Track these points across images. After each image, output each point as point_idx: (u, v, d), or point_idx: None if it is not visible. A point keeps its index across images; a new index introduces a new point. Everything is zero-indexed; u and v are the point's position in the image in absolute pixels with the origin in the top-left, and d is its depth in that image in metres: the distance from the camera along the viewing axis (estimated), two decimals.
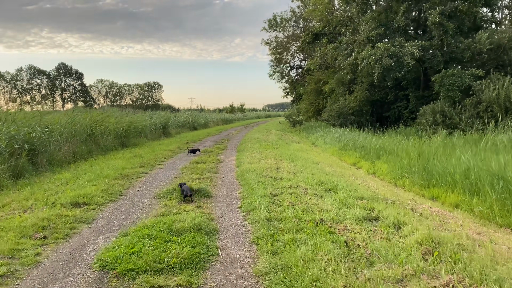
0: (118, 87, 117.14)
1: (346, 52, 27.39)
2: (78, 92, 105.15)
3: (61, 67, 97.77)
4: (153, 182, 9.45)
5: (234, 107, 68.26)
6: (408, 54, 22.15)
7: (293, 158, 12.97)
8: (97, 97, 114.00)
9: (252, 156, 13.51)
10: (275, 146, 17.17)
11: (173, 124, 28.71)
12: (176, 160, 13.51)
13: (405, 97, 26.50)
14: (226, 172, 10.81)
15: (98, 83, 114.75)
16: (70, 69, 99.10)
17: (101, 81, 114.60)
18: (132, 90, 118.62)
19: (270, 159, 12.72)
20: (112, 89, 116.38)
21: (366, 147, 16.34)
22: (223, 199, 7.64)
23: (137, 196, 7.99)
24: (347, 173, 11.51)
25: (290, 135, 26.21)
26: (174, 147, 17.07)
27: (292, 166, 11.21)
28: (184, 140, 21.40)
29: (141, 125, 21.34)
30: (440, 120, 21.19)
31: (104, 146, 16.50)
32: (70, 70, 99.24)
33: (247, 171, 10.22)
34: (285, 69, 47.29)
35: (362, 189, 8.54)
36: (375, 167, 13.04)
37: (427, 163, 10.47)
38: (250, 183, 8.59)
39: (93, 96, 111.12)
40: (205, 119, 37.85)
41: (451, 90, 21.51)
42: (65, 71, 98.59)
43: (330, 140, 20.33)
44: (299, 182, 8.64)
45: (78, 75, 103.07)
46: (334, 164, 13.63)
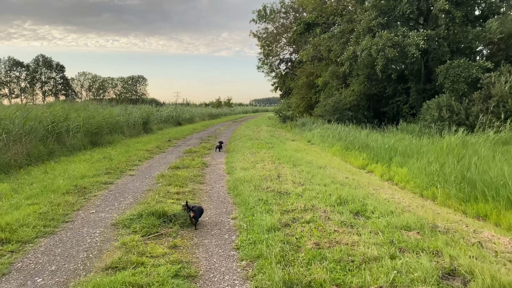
0: (101, 81, 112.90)
1: (342, 41, 25.15)
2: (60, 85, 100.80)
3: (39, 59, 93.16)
4: (116, 198, 7.01)
5: (221, 101, 65.49)
6: (413, 45, 20.04)
7: (294, 162, 10.67)
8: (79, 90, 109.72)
9: (245, 158, 11.15)
10: (269, 146, 14.85)
11: (155, 119, 26.09)
12: (152, 163, 11.06)
13: (405, 91, 24.43)
14: (214, 182, 8.42)
15: (80, 76, 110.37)
16: (50, 61, 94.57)
17: (84, 74, 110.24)
18: (115, 84, 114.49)
19: (267, 162, 10.39)
20: (95, 83, 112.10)
21: (373, 147, 14.16)
22: (211, 229, 5.28)
23: (88, 223, 5.56)
24: (362, 181, 9.26)
25: (282, 132, 23.90)
26: (153, 146, 14.59)
27: (296, 173, 8.91)
28: (166, 137, 18.89)
29: (116, 120, 18.73)
30: (446, 116, 19.17)
31: (71, 145, 13.93)
32: (50, 62, 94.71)
33: (241, 181, 7.87)
34: (274, 61, 44.90)
35: (397, 209, 6.29)
36: (390, 172, 10.84)
37: (467, 170, 8.27)
38: (248, 202, 6.24)
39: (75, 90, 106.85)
40: (190, 114, 35.22)
41: (457, 82, 19.52)
42: (44, 63, 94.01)
43: (328, 138, 18.10)
44: (313, 200, 6.34)
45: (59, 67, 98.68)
46: (342, 168, 11.38)
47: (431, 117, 19.81)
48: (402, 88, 24.42)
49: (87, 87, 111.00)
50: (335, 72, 27.43)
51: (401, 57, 20.69)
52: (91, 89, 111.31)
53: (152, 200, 6.54)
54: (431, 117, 19.81)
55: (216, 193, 7.43)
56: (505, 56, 20.60)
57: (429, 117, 19.92)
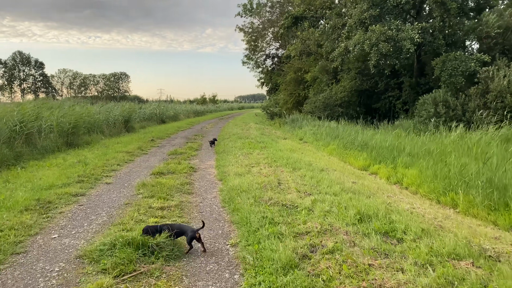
0: (83, 78, 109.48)
1: (333, 37, 24.08)
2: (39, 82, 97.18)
3: (17, 56, 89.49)
4: (87, 215, 5.71)
5: (205, 98, 63.81)
6: (408, 39, 19.09)
7: (293, 164, 9.50)
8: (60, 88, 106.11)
9: (238, 161, 9.91)
10: (261, 145, 13.65)
11: (137, 117, 24.56)
12: (133, 167, 9.73)
13: (398, 86, 23.54)
14: (205, 192, 7.17)
15: (60, 73, 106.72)
16: (28, 57, 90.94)
17: (64, 71, 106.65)
18: (97, 81, 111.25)
19: (264, 166, 9.20)
20: (76, 80, 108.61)
21: (373, 145, 13.11)
22: (206, 262, 4.05)
23: (46, 255, 4.25)
24: (371, 186, 8.16)
25: (271, 129, 22.73)
26: (134, 147, 13.21)
27: (298, 179, 7.74)
28: (149, 136, 17.49)
29: (94, 119, 17.23)
30: (443, 111, 18.31)
31: (42, 147, 12.47)
32: (29, 59, 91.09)
33: (237, 191, 6.64)
34: (260, 57, 43.62)
35: (428, 226, 5.19)
36: (398, 174, 9.78)
37: (494, 174, 7.24)
38: (249, 221, 5.03)
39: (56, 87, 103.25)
40: (174, 111, 33.69)
41: (454, 75, 18.67)
42: (22, 60, 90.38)
43: (322, 136, 17.01)
44: (328, 216, 5.17)
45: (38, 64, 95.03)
46: (344, 170, 10.26)
47: (426, 112, 18.93)
48: (394, 83, 23.53)
49: (67, 85, 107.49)
50: (324, 67, 26.36)
51: (395, 52, 19.74)
52: (72, 86, 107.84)
53: (130, 219, 5.27)
54: (426, 112, 18.93)
55: (208, 206, 6.19)
56: (501, 50, 19.86)
57: (424, 113, 19.04)
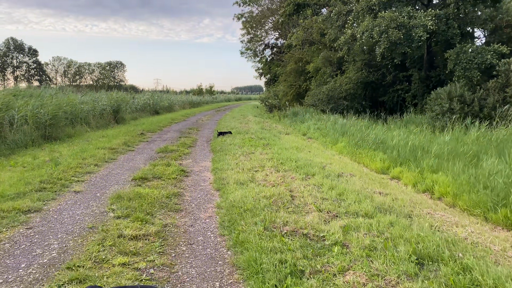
0: (78, 66, 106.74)
1: (338, 24, 22.32)
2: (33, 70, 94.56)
3: (10, 42, 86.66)
4: (31, 249, 4.04)
5: (202, 89, 61.76)
6: (420, 26, 17.43)
7: (304, 168, 7.87)
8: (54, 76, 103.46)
9: (238, 163, 8.26)
10: (263, 142, 12.01)
11: (129, 107, 22.78)
12: (113, 169, 8.05)
13: (406, 78, 21.92)
14: (198, 209, 5.50)
15: (55, 61, 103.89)
16: (22, 44, 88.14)
17: (58, 59, 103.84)
18: (92, 69, 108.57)
19: (269, 170, 7.56)
20: (70, 68, 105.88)
21: (390, 144, 11.52)
22: None
23: None
24: (404, 199, 6.54)
25: (271, 123, 21.04)
26: (119, 142, 11.49)
27: (315, 190, 6.11)
28: (138, 129, 15.78)
29: (79, 109, 15.47)
30: (458, 107, 16.73)
31: (13, 141, 10.76)
32: (22, 46, 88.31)
33: (239, 210, 5.00)
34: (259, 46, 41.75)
35: (508, 272, 3.60)
36: (426, 181, 8.17)
37: None
38: (261, 268, 3.38)
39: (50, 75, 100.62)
40: (169, 102, 31.86)
41: (469, 69, 17.11)
42: (15, 47, 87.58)
43: (329, 131, 15.38)
44: (372, 259, 3.56)
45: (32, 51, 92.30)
46: (362, 174, 8.64)
47: (440, 107, 17.33)
48: (403, 75, 21.89)
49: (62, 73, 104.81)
50: (328, 57, 24.64)
51: (406, 40, 18.07)
52: (66, 74, 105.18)
53: (88, 258, 3.63)
54: (440, 107, 17.33)
55: (201, 233, 4.54)
56: None
57: (437, 108, 17.43)
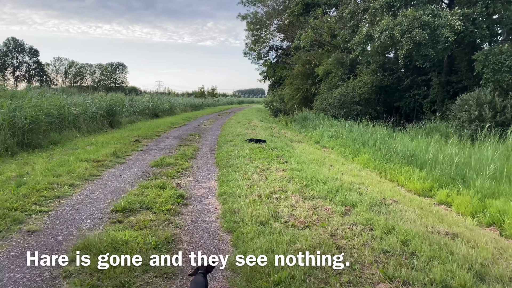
0: (79, 67, 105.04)
1: (352, 24, 20.58)
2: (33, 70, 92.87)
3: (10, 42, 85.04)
4: None
5: (204, 91, 59.97)
6: (447, 26, 15.70)
7: (336, 192, 6.07)
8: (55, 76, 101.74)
9: (252, 185, 6.43)
10: (276, 153, 10.21)
11: (126, 110, 21.01)
12: (92, 191, 6.24)
13: (425, 83, 20.14)
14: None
15: (56, 61, 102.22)
16: (22, 44, 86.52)
17: (59, 60, 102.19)
18: (94, 70, 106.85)
19: (294, 196, 5.75)
20: (71, 69, 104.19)
21: (425, 158, 9.72)
22: None
23: None
24: (478, 239, 4.75)
25: (280, 129, 19.25)
26: (108, 153, 9.67)
27: (366, 235, 4.31)
28: (134, 135, 13.98)
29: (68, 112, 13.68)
30: (489, 115, 14.96)
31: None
32: (22, 46, 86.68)
33: (266, 282, 3.20)
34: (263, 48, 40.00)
35: None
36: (490, 210, 6.37)
37: None
38: None
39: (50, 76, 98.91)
40: (170, 104, 30.05)
41: (499, 71, 15.38)
42: (16, 47, 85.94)
43: (347, 141, 13.57)
44: None
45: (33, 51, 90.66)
46: (405, 199, 6.83)
47: (467, 115, 15.54)
48: (421, 80, 20.12)
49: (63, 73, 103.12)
50: (340, 59, 22.88)
51: (431, 41, 16.33)
52: (67, 75, 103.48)
53: None
54: (467, 115, 15.54)
55: None
56: None
57: (464, 115, 15.64)
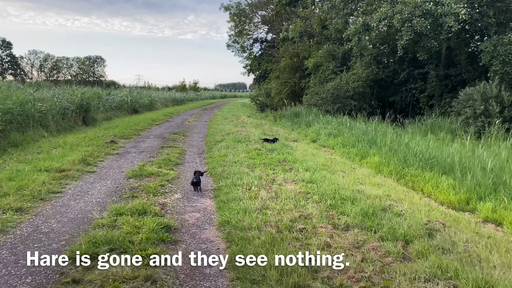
0: (55, 60, 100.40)
1: (345, 12, 19.11)
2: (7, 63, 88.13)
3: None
4: None
5: (185, 85, 57.68)
6: (451, 15, 14.43)
7: (374, 218, 4.57)
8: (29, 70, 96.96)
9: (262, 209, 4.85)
10: (277, 156, 8.63)
11: (102, 105, 18.98)
12: (45, 219, 4.51)
13: (422, 76, 18.93)
14: None
15: (30, 54, 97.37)
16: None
17: (34, 52, 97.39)
18: (71, 64, 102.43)
19: (322, 226, 4.18)
20: (47, 62, 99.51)
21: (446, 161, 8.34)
22: None
23: None
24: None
25: (270, 125, 17.64)
26: (76, 159, 7.86)
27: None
28: (109, 134, 12.12)
29: (29, 108, 11.68)
30: (496, 110, 13.83)
31: None
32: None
33: None
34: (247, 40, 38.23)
35: None
36: None
37: None
38: None
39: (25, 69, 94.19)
40: (150, 99, 27.94)
41: (509, 63, 14.30)
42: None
43: (350, 139, 12.09)
44: None
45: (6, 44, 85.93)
46: (451, 219, 5.38)
47: (471, 110, 14.35)
48: (418, 73, 18.89)
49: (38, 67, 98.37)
50: (331, 51, 21.44)
51: (433, 31, 15.04)
52: (42, 69, 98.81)
53: None
54: (471, 110, 14.35)
55: None
56: None
57: (468, 111, 14.44)
